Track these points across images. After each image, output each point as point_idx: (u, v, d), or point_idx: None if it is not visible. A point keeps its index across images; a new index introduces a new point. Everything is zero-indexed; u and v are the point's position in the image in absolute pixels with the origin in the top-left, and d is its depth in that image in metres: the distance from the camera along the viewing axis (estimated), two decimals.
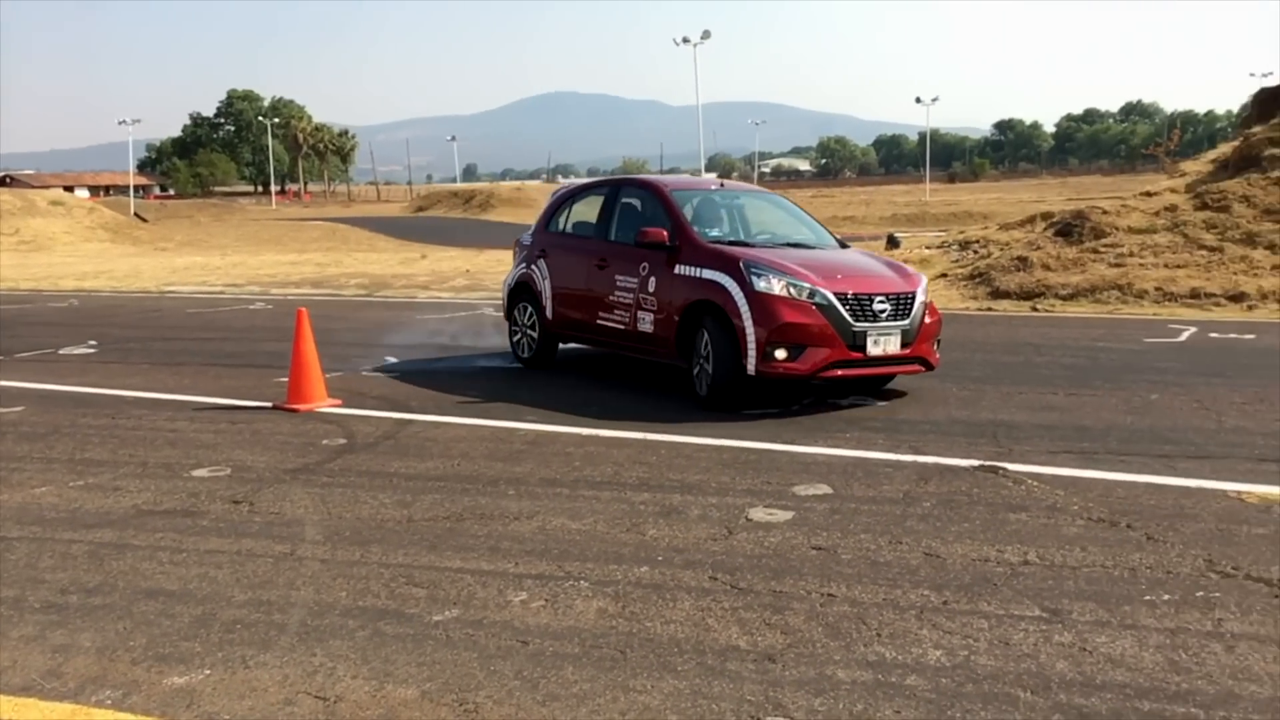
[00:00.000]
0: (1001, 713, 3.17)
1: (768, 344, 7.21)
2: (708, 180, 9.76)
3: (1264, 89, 20.17)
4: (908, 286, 7.68)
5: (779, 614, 3.91)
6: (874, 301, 7.42)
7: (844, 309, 7.30)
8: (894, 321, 7.48)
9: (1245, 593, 4.09)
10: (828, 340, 7.25)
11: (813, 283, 7.32)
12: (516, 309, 9.96)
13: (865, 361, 7.43)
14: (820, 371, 7.33)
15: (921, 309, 7.67)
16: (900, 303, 7.55)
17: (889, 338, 7.43)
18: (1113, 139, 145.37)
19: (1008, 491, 5.45)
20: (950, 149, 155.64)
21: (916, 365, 7.74)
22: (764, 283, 7.32)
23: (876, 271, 7.87)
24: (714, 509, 5.18)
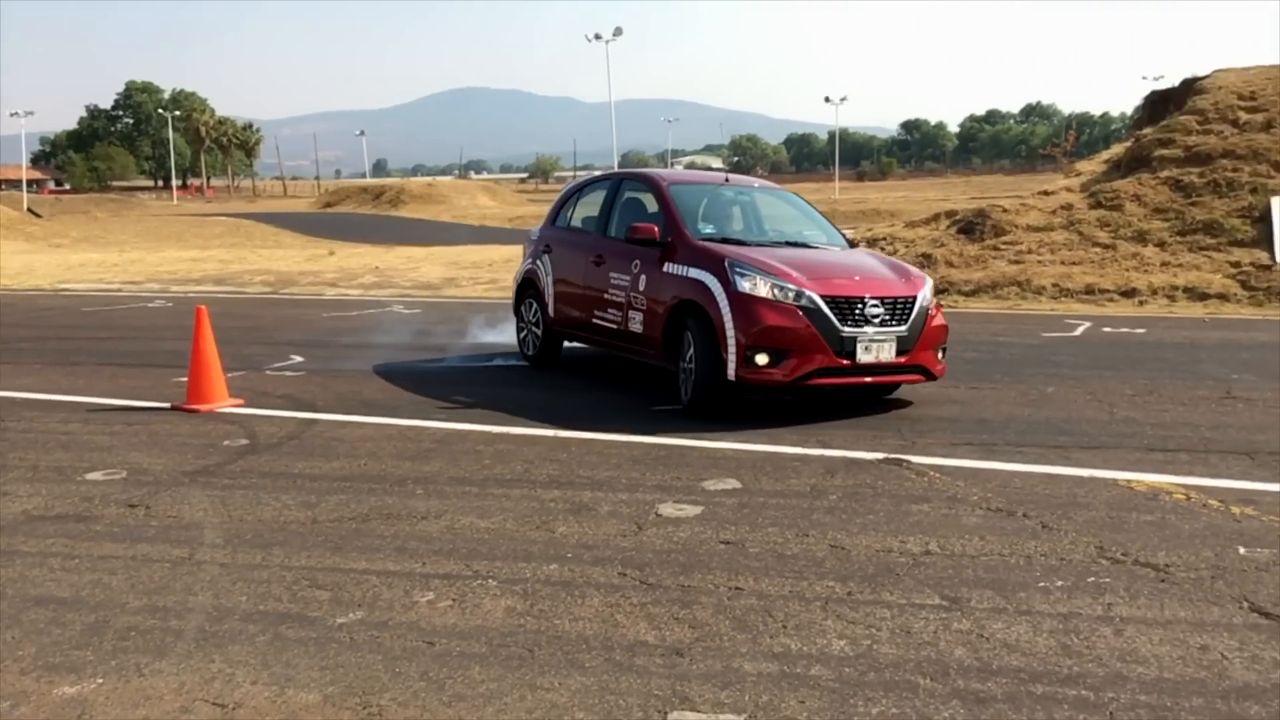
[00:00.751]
0: (902, 700, 3.24)
1: (748, 348, 6.81)
2: (713, 174, 9.18)
3: (1154, 92, 20.95)
4: (907, 290, 7.20)
5: (687, 608, 3.93)
6: (866, 305, 6.95)
7: (831, 313, 6.85)
8: (889, 327, 7.00)
9: (1133, 578, 4.24)
10: (813, 346, 6.81)
11: (798, 284, 6.91)
12: (523, 305, 9.73)
13: (855, 370, 6.96)
14: (804, 380, 6.89)
15: (923, 314, 7.18)
16: (897, 307, 7.07)
17: (882, 344, 6.96)
18: (1014, 139, 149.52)
19: (911, 483, 5.57)
20: (859, 148, 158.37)
21: (916, 375, 7.31)
22: (747, 283, 6.94)
23: (874, 273, 7.42)
24: (624, 505, 5.19)
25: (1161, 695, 3.27)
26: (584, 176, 9.78)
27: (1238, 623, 3.82)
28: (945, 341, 7.53)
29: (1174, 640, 3.66)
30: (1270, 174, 15.59)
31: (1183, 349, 10.18)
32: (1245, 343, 10.79)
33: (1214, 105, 17.28)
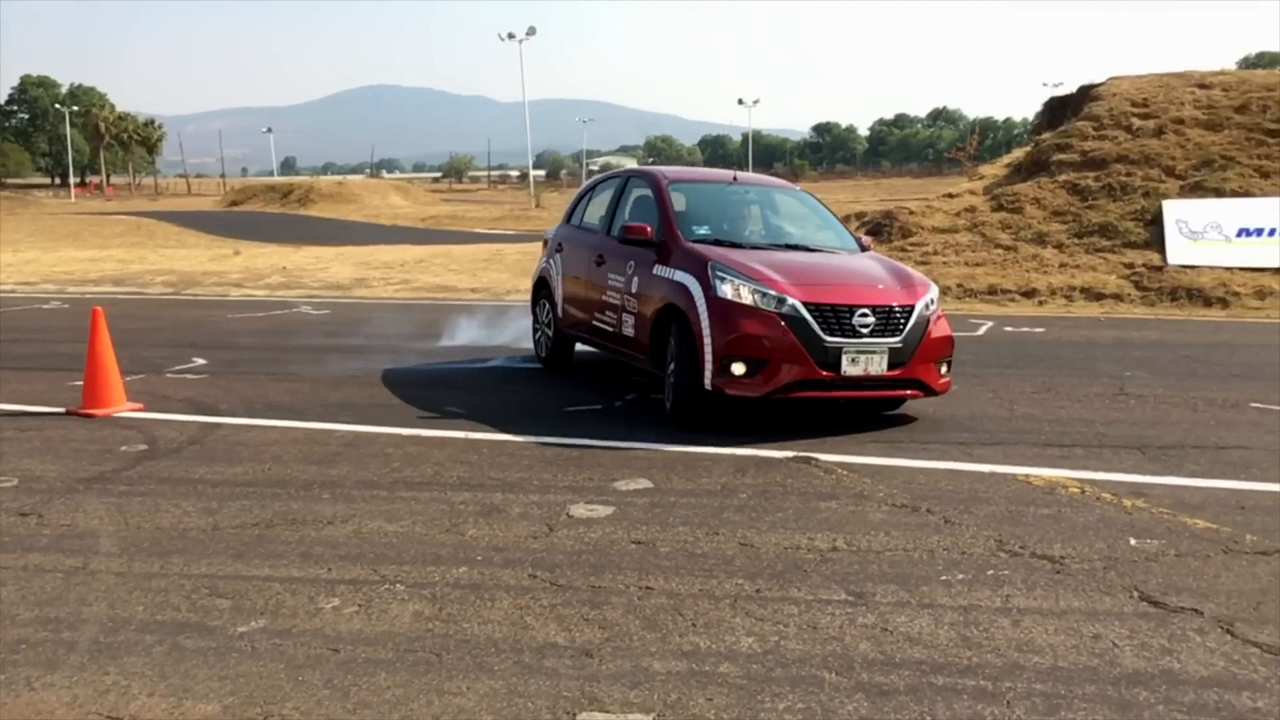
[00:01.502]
0: (808, 695, 3.28)
1: (724, 356, 6.48)
2: (721, 173, 8.86)
3: (1053, 98, 21.63)
4: (905, 298, 6.74)
5: (597, 609, 3.93)
6: (854, 314, 6.50)
7: (815, 321, 6.44)
8: (880, 338, 6.54)
9: (1030, 570, 4.37)
10: (792, 356, 6.42)
11: (781, 289, 6.51)
12: (537, 306, 9.51)
13: (840, 382, 6.53)
14: (783, 392, 6.51)
15: (921, 325, 6.72)
16: (892, 316, 6.61)
17: (872, 356, 6.50)
18: (921, 143, 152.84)
19: (819, 481, 5.65)
20: (772, 150, 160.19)
21: (912, 389, 6.84)
22: (727, 288, 6.58)
23: (870, 279, 6.95)
24: (535, 507, 5.17)
25: (1056, 684, 3.38)
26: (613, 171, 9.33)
27: (1128, 611, 3.96)
28: (949, 354, 7.05)
29: (1068, 630, 3.78)
30: (1162, 178, 16.20)
31: (1079, 347, 10.50)
32: (1138, 341, 11.19)
33: (1109, 112, 17.89)
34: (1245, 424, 7.07)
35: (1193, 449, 6.35)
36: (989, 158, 24.16)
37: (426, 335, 11.38)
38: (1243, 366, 9.39)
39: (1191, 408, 7.58)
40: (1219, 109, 17.35)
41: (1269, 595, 4.11)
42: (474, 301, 15.00)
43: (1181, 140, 16.79)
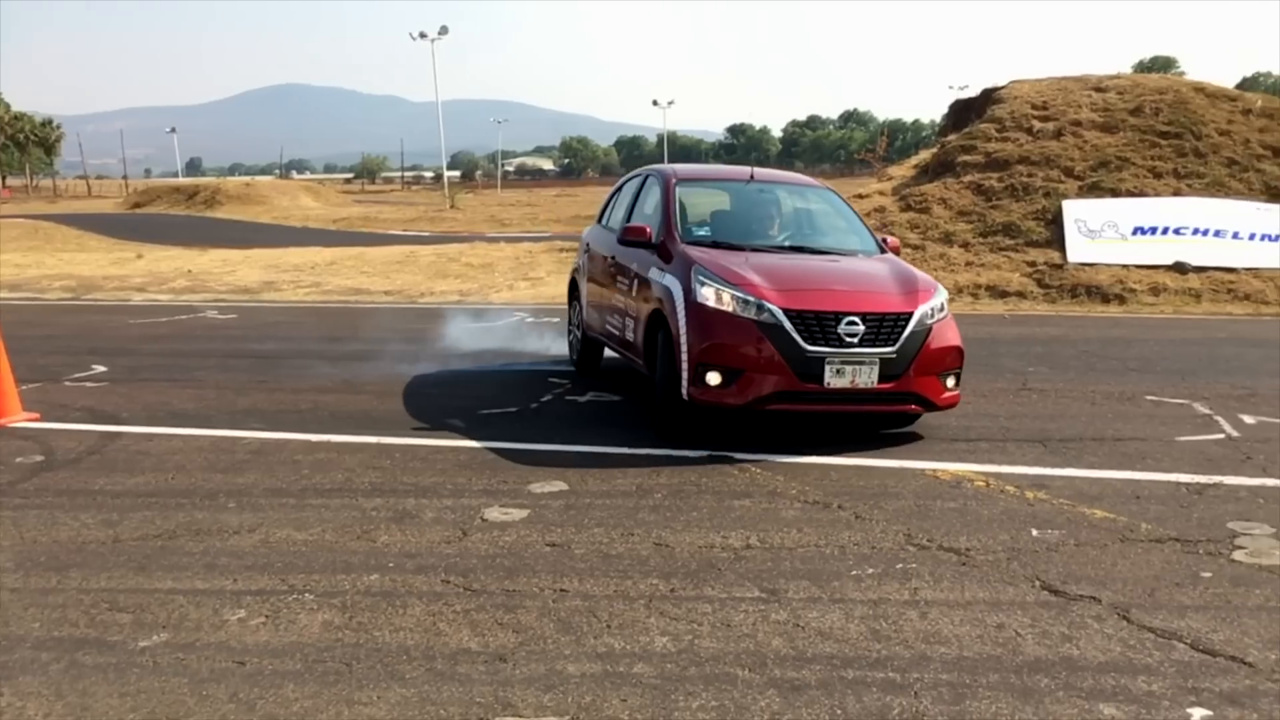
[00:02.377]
0: (721, 693, 3.31)
1: (698, 365, 6.15)
2: (738, 170, 8.45)
3: (958, 100, 22.15)
4: (902, 305, 6.27)
5: (511, 613, 3.91)
6: (840, 322, 6.07)
7: (796, 329, 6.05)
8: (870, 348, 6.11)
9: (938, 562, 4.47)
10: (769, 366, 6.06)
11: (760, 295, 6.14)
12: (570, 307, 9.28)
13: (824, 395, 6.12)
14: (760, 404, 6.14)
15: (921, 334, 6.25)
16: (884, 325, 6.15)
17: (860, 368, 6.08)
18: (833, 144, 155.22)
19: (733, 479, 5.70)
20: (687, 151, 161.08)
21: (908, 404, 6.36)
22: (706, 292, 6.25)
23: (867, 285, 6.51)
24: (449, 511, 5.12)
25: (961, 673, 3.46)
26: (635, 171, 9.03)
27: (1030, 601, 4.07)
28: (958, 366, 6.52)
29: (973, 620, 3.88)
30: (1061, 179, 16.70)
31: (985, 344, 10.76)
32: (1040, 337, 11.52)
33: (1010, 114, 18.39)
34: (1140, 416, 7.32)
35: (1091, 441, 6.56)
36: (898, 159, 24.63)
37: (338, 339, 11.19)
38: (1138, 360, 9.73)
39: (1090, 401, 7.82)
40: (1114, 112, 17.95)
41: (1162, 581, 4.27)
42: (388, 304, 14.79)
43: (1079, 142, 17.34)
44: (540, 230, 35.04)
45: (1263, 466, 5.96)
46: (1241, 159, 16.72)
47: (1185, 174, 16.56)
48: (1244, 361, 9.60)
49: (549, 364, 9.35)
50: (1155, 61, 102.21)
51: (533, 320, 12.48)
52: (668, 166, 8.41)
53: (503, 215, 46.18)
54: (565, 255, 18.66)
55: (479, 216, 45.35)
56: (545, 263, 18.38)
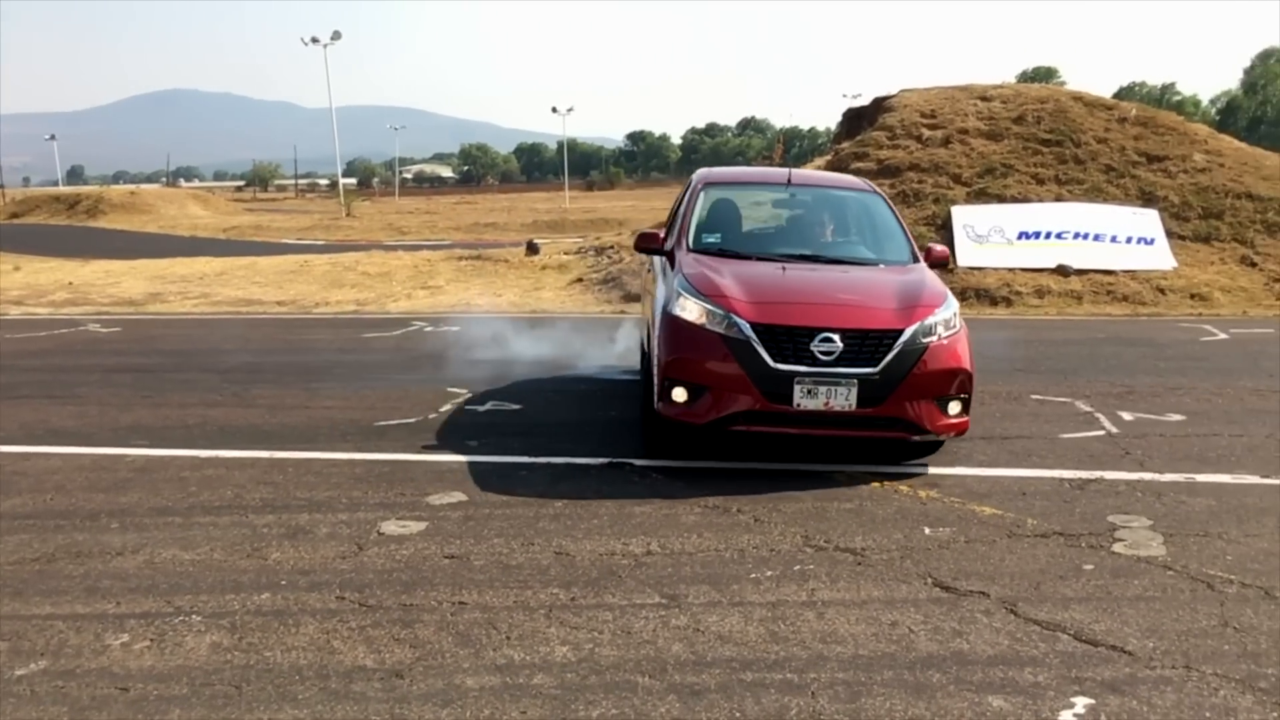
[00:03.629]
0: (621, 700, 3.31)
1: (665, 380, 5.86)
2: (776, 172, 8.08)
3: (851, 109, 22.63)
4: (891, 322, 5.72)
5: (408, 628, 3.85)
6: (813, 338, 5.59)
7: (764, 344, 5.62)
8: (847, 367, 5.59)
9: (834, 563, 4.54)
10: (734, 384, 5.66)
11: (731, 308, 5.74)
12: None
13: (794, 418, 5.67)
14: (724, 424, 5.77)
15: (913, 353, 5.66)
16: (866, 342, 5.63)
17: (836, 389, 5.57)
18: (732, 151, 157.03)
19: (634, 486, 5.71)
20: (588, 158, 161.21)
21: (894, 431, 5.81)
22: (680, 303, 5.94)
23: (854, 299, 5.99)
24: (344, 526, 5.01)
25: (857, 671, 3.52)
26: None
27: (923, 598, 4.17)
28: (965, 391, 5.86)
29: (868, 619, 3.95)
30: (950, 185, 17.18)
31: None
32: None
33: (901, 122, 18.86)
34: (1026, 415, 7.57)
35: (980, 440, 6.74)
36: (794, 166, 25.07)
37: (228, 351, 10.87)
38: (1024, 361, 10.05)
39: (979, 401, 8.01)
40: (999, 120, 18.55)
41: (1047, 575, 4.41)
42: (281, 315, 14.44)
43: (966, 149, 17.87)
44: (440, 238, 34.65)
45: (1140, 461, 6.20)
46: (1118, 165, 17.43)
47: (1066, 180, 17.19)
48: (1122, 360, 10.00)
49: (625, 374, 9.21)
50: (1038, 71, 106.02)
51: (431, 329, 12.32)
52: (709, 170, 8.23)
53: (401, 223, 45.53)
54: (465, 263, 18.48)
55: (376, 224, 44.62)
56: (445, 271, 18.16)
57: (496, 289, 16.08)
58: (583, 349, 10.27)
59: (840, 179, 8.39)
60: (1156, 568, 4.50)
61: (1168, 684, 3.46)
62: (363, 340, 11.34)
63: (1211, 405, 7.75)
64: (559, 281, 16.49)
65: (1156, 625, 3.91)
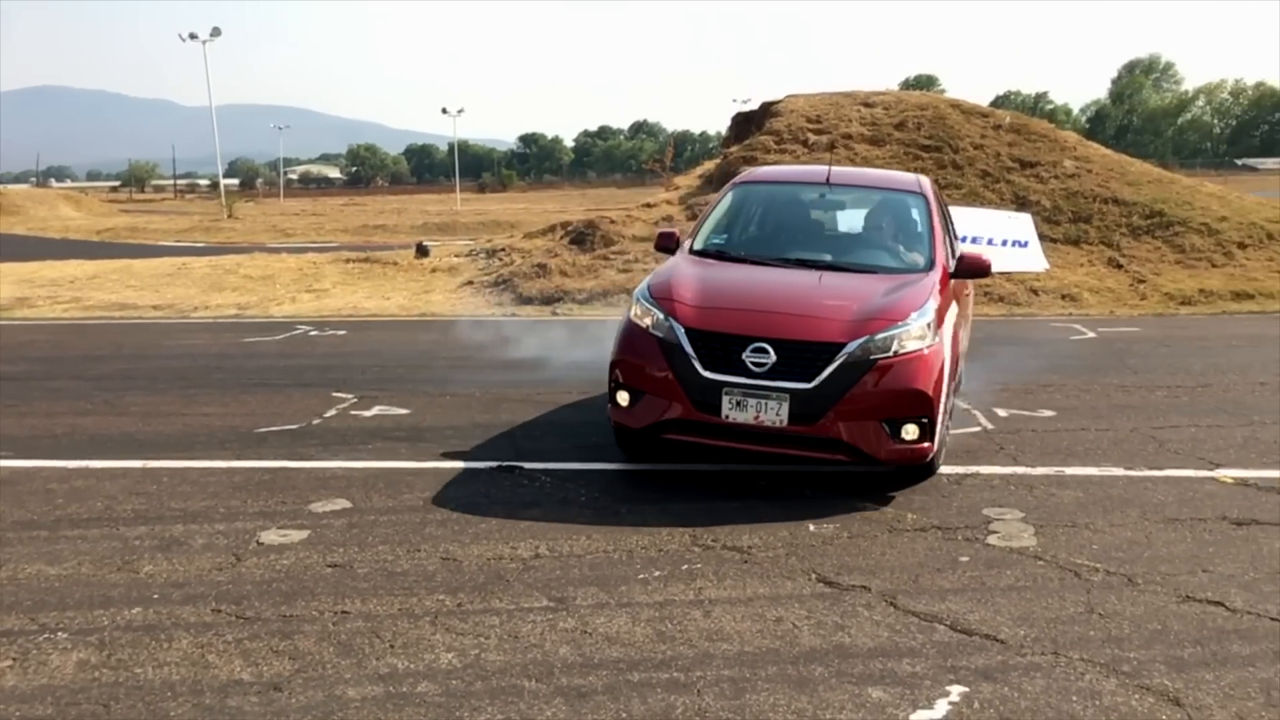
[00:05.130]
0: (507, 705, 3.28)
1: (610, 383, 5.79)
2: (814, 171, 7.66)
3: (739, 113, 22.91)
4: (832, 335, 5.35)
5: (288, 639, 3.75)
6: (746, 347, 5.33)
7: (696, 351, 5.41)
8: (780, 380, 5.28)
9: (721, 561, 4.59)
10: (666, 390, 5.48)
11: (671, 312, 5.60)
12: None
13: (723, 430, 5.41)
14: (656, 431, 5.63)
15: (855, 369, 5.26)
16: (801, 355, 5.29)
17: (766, 402, 5.27)
18: (624, 154, 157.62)
19: (523, 490, 5.67)
20: (480, 160, 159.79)
21: (829, 452, 5.40)
22: (634, 306, 5.88)
23: (802, 309, 5.65)
24: (221, 536, 4.86)
25: (742, 668, 3.57)
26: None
27: (807, 593, 4.25)
28: (922, 414, 5.32)
29: (754, 616, 4.01)
30: None
31: None
32: None
33: (787, 127, 19.19)
34: None
35: None
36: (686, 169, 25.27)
37: (100, 358, 10.44)
38: None
39: None
40: (881, 126, 19.03)
41: (925, 568, 4.54)
42: (157, 319, 13.94)
43: (850, 154, 18.27)
44: (326, 240, 33.89)
45: (1014, 456, 6.43)
46: (994, 171, 18.05)
47: (945, 185, 17.72)
48: (997, 360, 10.33)
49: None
50: (919, 79, 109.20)
51: (316, 333, 12.04)
52: (753, 170, 8.01)
53: (285, 225, 44.39)
54: (352, 266, 18.10)
55: (259, 226, 43.43)
56: (331, 274, 17.76)
57: (385, 292, 15.81)
58: (473, 352, 10.18)
59: (888, 178, 7.98)
60: (1028, 558, 4.67)
61: (1037, 670, 3.59)
62: (244, 345, 11.01)
63: (1080, 401, 8.08)
64: (449, 284, 16.29)
65: (1027, 614, 4.06)
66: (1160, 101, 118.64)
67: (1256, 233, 16.24)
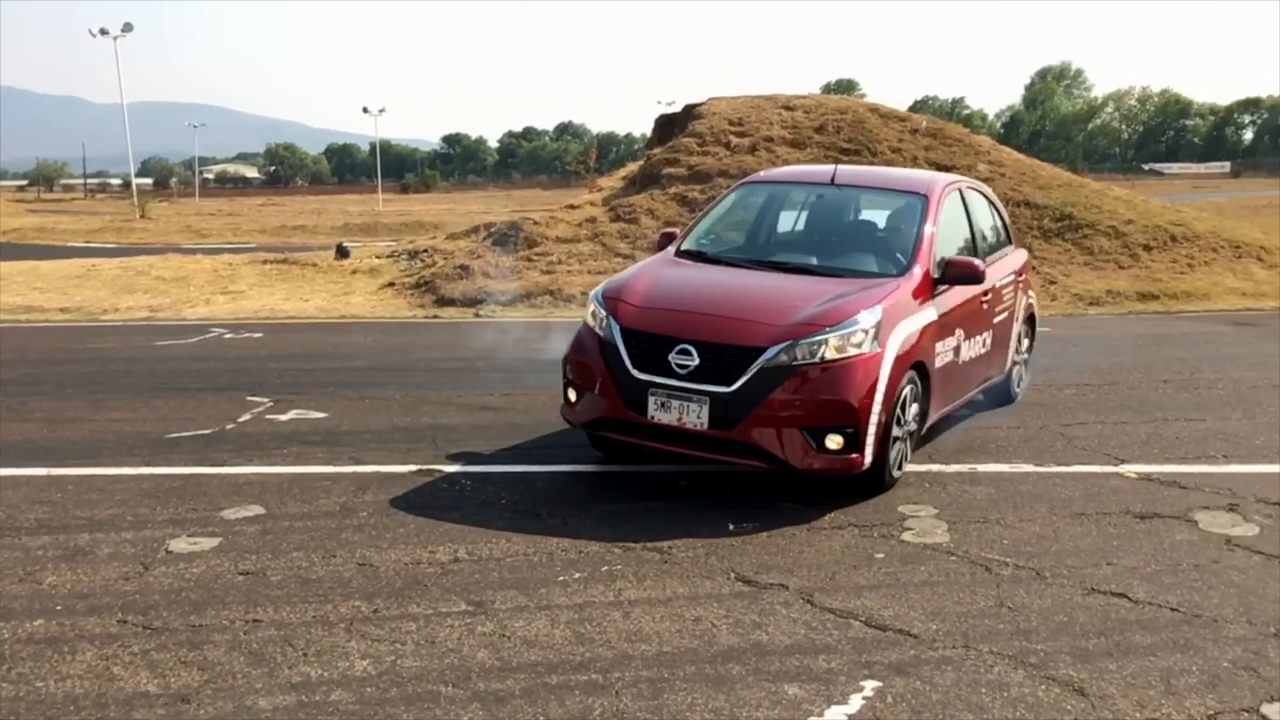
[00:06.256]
0: (424, 711, 3.25)
1: (564, 381, 5.93)
2: (820, 171, 7.47)
3: (663, 115, 22.98)
4: (753, 339, 5.28)
5: (197, 650, 3.67)
6: (672, 349, 5.35)
7: (627, 351, 5.48)
8: (702, 383, 5.27)
9: (641, 562, 4.60)
10: (602, 388, 5.58)
11: (613, 311, 5.68)
12: None
13: (649, 430, 5.45)
14: (594, 427, 5.80)
15: (776, 375, 5.20)
16: (722, 358, 5.26)
17: (688, 404, 5.27)
18: (549, 155, 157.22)
19: (443, 493, 5.62)
20: (402, 160, 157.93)
21: (747, 458, 5.37)
22: (590, 306, 5.94)
23: (734, 311, 5.58)
24: (128, 545, 4.73)
25: (661, 668, 3.58)
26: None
27: (726, 592, 4.28)
28: (848, 424, 5.20)
29: (673, 616, 4.02)
30: None
31: None
32: None
33: (709, 129, 19.32)
34: None
35: None
36: (611, 171, 25.31)
37: (7, 361, 10.07)
38: None
39: None
40: (802, 129, 19.27)
41: (842, 565, 4.61)
42: (64, 323, 13.51)
43: (772, 157, 18.46)
44: (243, 241, 33.20)
45: (928, 453, 6.52)
46: None
47: None
48: None
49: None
50: (840, 84, 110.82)
51: (231, 335, 11.78)
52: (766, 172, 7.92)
53: (201, 225, 43.36)
54: (270, 267, 17.76)
55: (174, 227, 42.36)
56: (248, 275, 17.39)
57: (303, 294, 15.54)
58: (393, 354, 10.06)
59: (896, 178, 7.73)
60: (941, 554, 4.77)
61: (949, 664, 3.67)
62: (155, 348, 10.73)
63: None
64: (370, 286, 16.08)
65: (940, 608, 4.14)
66: (1071, 108, 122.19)
67: (1161, 235, 16.80)
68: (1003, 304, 7.25)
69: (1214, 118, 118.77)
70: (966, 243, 6.90)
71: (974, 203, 7.29)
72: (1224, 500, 5.59)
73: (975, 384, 6.99)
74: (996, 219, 7.80)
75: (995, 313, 7.07)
